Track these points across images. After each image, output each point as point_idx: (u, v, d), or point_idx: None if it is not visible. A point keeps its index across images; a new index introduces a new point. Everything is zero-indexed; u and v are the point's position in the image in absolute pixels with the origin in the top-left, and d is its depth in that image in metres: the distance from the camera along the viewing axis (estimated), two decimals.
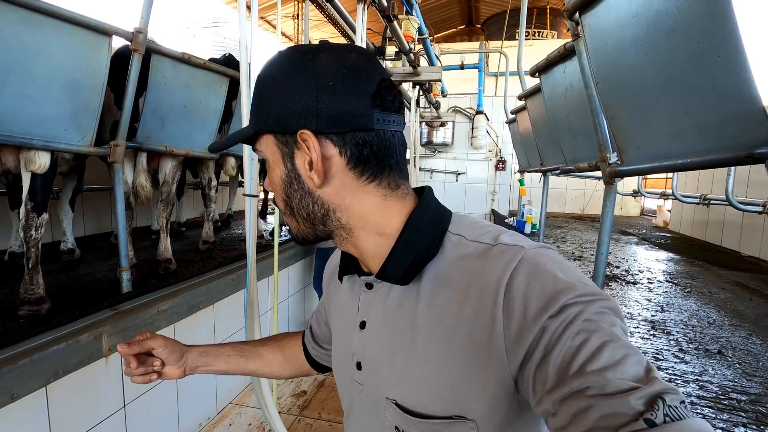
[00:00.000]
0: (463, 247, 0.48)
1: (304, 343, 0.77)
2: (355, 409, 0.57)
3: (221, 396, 2.40)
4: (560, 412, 0.36)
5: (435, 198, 0.53)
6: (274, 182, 0.52)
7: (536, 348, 0.39)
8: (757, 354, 2.59)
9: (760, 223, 5.61)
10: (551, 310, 0.38)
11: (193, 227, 4.10)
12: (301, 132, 0.46)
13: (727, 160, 0.95)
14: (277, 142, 0.49)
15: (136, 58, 1.81)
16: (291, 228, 0.54)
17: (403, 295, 0.50)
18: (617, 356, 0.35)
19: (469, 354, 0.43)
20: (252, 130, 0.51)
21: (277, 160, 0.50)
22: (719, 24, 0.86)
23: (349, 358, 0.56)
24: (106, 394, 1.62)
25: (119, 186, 1.91)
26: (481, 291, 0.43)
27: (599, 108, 1.39)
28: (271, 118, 0.48)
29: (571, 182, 10.61)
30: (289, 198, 0.51)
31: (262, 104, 0.50)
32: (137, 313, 1.77)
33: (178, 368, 0.69)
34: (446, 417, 0.44)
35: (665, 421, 0.31)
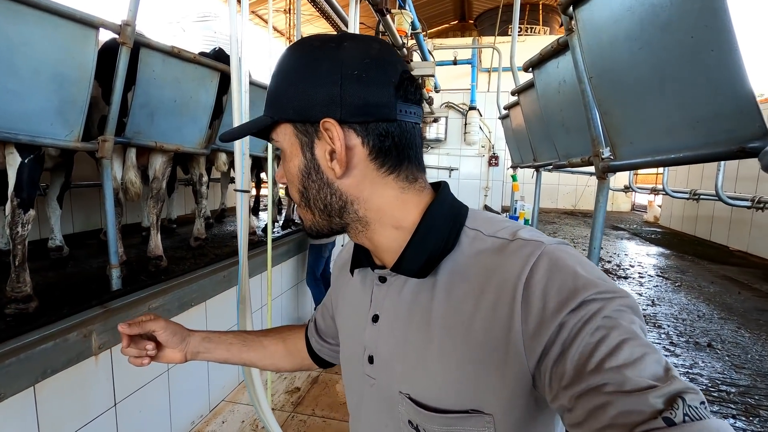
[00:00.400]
0: (480, 242, 0.47)
1: (307, 337, 0.76)
2: (365, 404, 0.56)
3: (214, 393, 2.38)
4: (576, 408, 0.36)
5: (451, 193, 0.53)
6: (291, 173, 0.50)
7: (554, 343, 0.38)
8: (745, 346, 2.64)
9: (748, 217, 5.69)
10: (570, 305, 0.38)
11: (185, 224, 4.05)
12: (325, 121, 0.45)
13: (720, 155, 0.95)
14: (297, 132, 0.48)
15: (124, 52, 1.77)
16: (305, 220, 0.53)
17: (418, 289, 0.49)
18: (636, 354, 0.35)
19: (486, 349, 0.43)
20: (270, 120, 0.49)
21: (296, 150, 0.49)
22: (713, 18, 0.86)
23: (360, 352, 0.55)
24: (96, 393, 1.60)
25: (108, 182, 1.88)
26: (499, 286, 0.43)
27: (592, 103, 1.38)
28: (292, 106, 0.47)
29: (564, 178, 10.69)
30: (306, 189, 0.50)
31: (282, 93, 0.48)
32: (127, 310, 1.74)
33: (179, 352, 0.68)
34: (462, 411, 0.44)
35: (684, 420, 0.31)
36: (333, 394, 2.59)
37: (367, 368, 0.54)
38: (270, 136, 0.51)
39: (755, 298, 3.70)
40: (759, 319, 3.19)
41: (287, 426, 2.28)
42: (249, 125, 0.52)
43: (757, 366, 2.43)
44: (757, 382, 2.22)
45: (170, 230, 3.80)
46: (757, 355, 2.55)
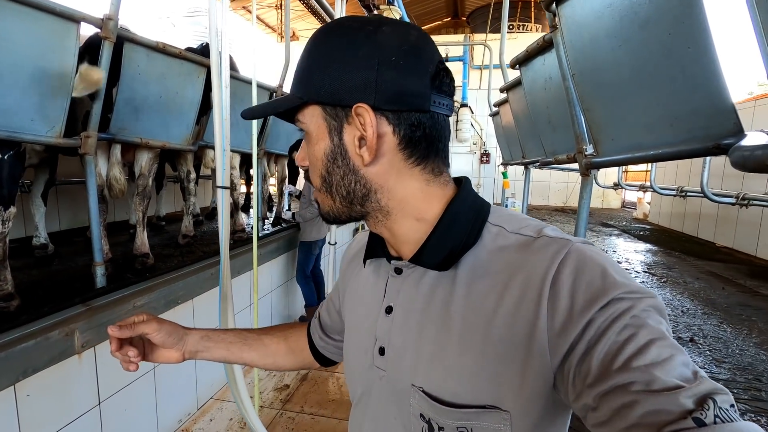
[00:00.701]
0: (503, 239, 0.47)
1: (309, 334, 0.74)
2: (372, 396, 0.54)
3: (202, 391, 2.37)
4: (601, 406, 0.35)
5: (473, 189, 0.52)
6: (315, 156, 0.49)
7: (580, 341, 0.38)
8: (727, 341, 2.68)
9: (734, 214, 5.77)
10: (599, 304, 0.37)
11: (174, 221, 4.02)
12: (358, 106, 0.44)
13: (697, 151, 0.96)
14: (325, 115, 0.47)
15: (106, 46, 1.75)
16: (323, 205, 0.52)
17: (437, 283, 0.48)
18: (664, 354, 0.34)
19: (508, 345, 0.42)
20: (299, 101, 0.47)
21: (322, 134, 0.47)
22: (689, 15, 0.87)
23: (369, 343, 0.54)
24: (80, 392, 1.58)
25: (92, 178, 1.85)
26: (525, 282, 0.42)
27: (576, 100, 1.39)
28: (324, 88, 0.45)
29: (554, 175, 10.77)
30: (330, 174, 0.48)
31: (314, 73, 0.46)
32: (112, 308, 1.72)
33: (177, 351, 0.66)
34: (478, 406, 0.43)
35: (715, 421, 0.30)
36: (322, 391, 2.59)
37: (377, 360, 0.52)
38: (296, 117, 0.49)
39: (739, 294, 3.76)
40: (741, 314, 3.25)
41: (276, 423, 2.28)
42: (275, 104, 0.50)
43: (737, 360, 2.47)
44: (736, 376, 2.27)
45: (159, 227, 3.77)
46: (737, 350, 2.60)
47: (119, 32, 1.83)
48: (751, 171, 0.63)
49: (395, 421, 0.50)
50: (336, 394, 2.55)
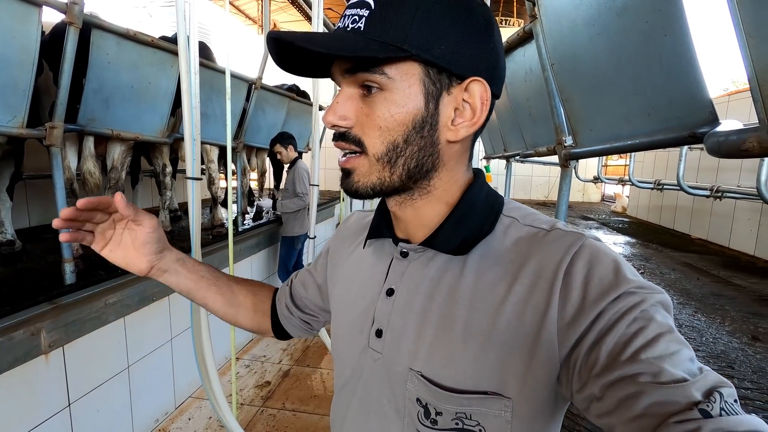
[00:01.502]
0: (516, 230, 0.47)
1: (274, 301, 0.71)
2: (363, 378, 0.52)
3: (180, 390, 2.32)
4: (607, 396, 0.35)
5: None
6: (394, 119, 0.42)
7: (590, 331, 0.38)
8: (701, 330, 2.76)
9: (708, 207, 5.94)
10: (611, 296, 0.38)
11: None
12: (475, 79, 0.42)
13: (673, 140, 0.96)
14: (426, 77, 0.42)
15: (71, 32, 1.67)
16: (368, 176, 0.45)
17: (446, 268, 0.47)
18: (672, 348, 0.35)
19: (515, 333, 0.42)
20: (402, 52, 0.40)
21: (415, 97, 0.42)
22: (665, 2, 0.86)
23: (365, 325, 0.52)
24: (47, 393, 1.52)
25: (58, 171, 1.77)
26: (537, 272, 0.42)
27: (555, 91, 1.39)
28: (439, 48, 0.41)
29: (537, 169, 10.91)
30: (407, 143, 0.43)
31: (426, 27, 0.40)
32: (81, 306, 1.66)
33: (147, 262, 0.60)
34: (480, 392, 0.43)
35: (721, 414, 0.30)
36: (304, 387, 2.56)
37: (373, 342, 0.51)
38: (378, 67, 0.41)
39: (712, 284, 3.87)
40: (715, 304, 3.34)
41: (257, 420, 2.24)
42: (361, 45, 0.40)
43: (711, 348, 2.54)
44: (709, 364, 2.33)
45: None
46: (711, 338, 2.67)
47: (87, 18, 1.74)
48: (726, 156, 0.63)
49: (388, 405, 0.49)
50: (319, 389, 2.52)
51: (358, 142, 0.44)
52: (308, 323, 0.70)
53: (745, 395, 2.05)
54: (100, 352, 1.77)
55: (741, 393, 2.05)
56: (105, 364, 1.80)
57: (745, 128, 0.58)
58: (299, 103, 4.26)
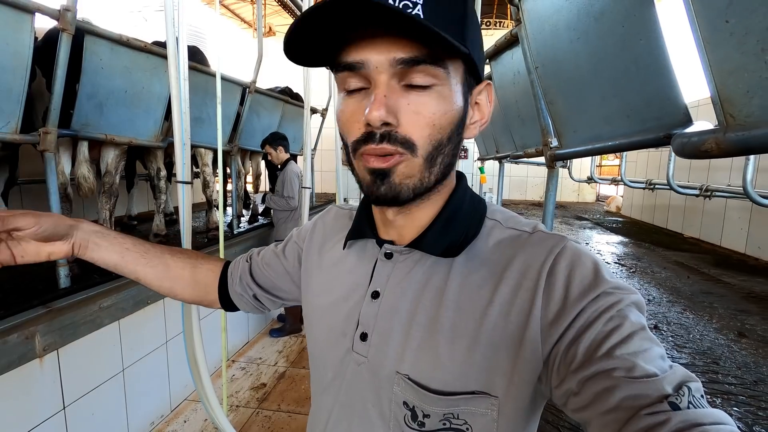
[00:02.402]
0: (499, 232, 0.48)
1: (226, 274, 0.68)
2: (346, 383, 0.51)
3: (175, 392, 2.33)
4: (583, 391, 0.37)
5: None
6: (445, 118, 0.42)
7: (569, 328, 0.39)
8: (689, 327, 2.79)
9: (699, 206, 6.00)
10: (591, 296, 0.39)
11: (147, 221, 3.91)
12: (488, 82, 0.47)
13: (650, 142, 0.99)
14: (466, 77, 0.44)
15: (64, 39, 1.68)
16: (409, 177, 0.43)
17: (432, 271, 0.48)
18: (645, 346, 0.37)
19: (501, 333, 0.43)
20: (464, 49, 0.39)
21: (459, 94, 0.43)
22: (639, 8, 0.89)
23: (349, 328, 0.51)
24: (42, 397, 1.53)
25: (52, 176, 1.79)
26: (521, 273, 0.43)
27: (540, 93, 1.42)
28: (477, 51, 0.43)
29: (532, 170, 10.95)
30: (449, 142, 0.43)
31: (472, 29, 0.42)
32: (76, 309, 1.67)
33: (65, 243, 0.59)
34: (467, 392, 0.43)
35: (689, 407, 0.32)
36: (300, 388, 2.58)
37: (358, 345, 0.50)
38: (442, 60, 0.40)
39: (702, 282, 3.92)
40: (704, 302, 3.39)
41: (252, 422, 2.25)
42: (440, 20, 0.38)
43: (698, 345, 2.58)
44: (695, 360, 2.37)
45: (130, 227, 3.66)
46: (698, 335, 2.71)
47: (79, 24, 1.76)
48: (689, 157, 0.66)
49: (372, 409, 0.49)
50: None
51: (407, 142, 0.41)
52: (262, 302, 0.68)
53: (728, 390, 2.09)
54: (95, 355, 1.78)
55: (725, 389, 2.09)
56: (100, 367, 1.81)
57: (705, 130, 0.61)
58: (294, 106, 4.28)
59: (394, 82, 0.40)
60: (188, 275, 0.67)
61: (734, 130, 0.54)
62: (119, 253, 0.62)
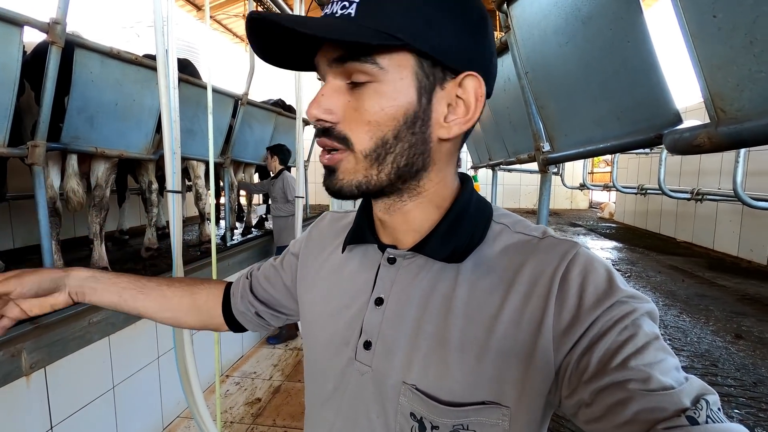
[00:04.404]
0: (508, 237, 0.46)
1: (228, 295, 0.67)
2: (348, 394, 0.49)
3: (168, 410, 2.27)
4: (596, 402, 0.35)
5: None
6: (385, 113, 0.40)
7: (583, 338, 0.38)
8: (685, 330, 2.79)
9: (691, 210, 6.06)
10: (605, 304, 0.38)
11: (139, 235, 3.87)
12: (470, 74, 0.41)
13: (642, 142, 0.99)
14: (420, 70, 0.40)
15: (53, 52, 1.67)
16: (353, 174, 0.42)
17: (438, 277, 0.45)
18: (659, 357, 0.35)
19: (512, 342, 0.41)
20: (396, 41, 0.38)
21: (407, 90, 0.40)
22: (626, 11, 0.90)
23: (351, 336, 0.49)
24: (29, 416, 1.48)
25: (40, 190, 1.76)
26: (533, 280, 0.42)
27: (531, 98, 1.43)
28: (434, 40, 0.39)
29: (525, 178, 11.04)
30: (397, 139, 0.41)
31: (421, 16, 0.38)
32: (65, 325, 1.63)
33: (60, 293, 0.60)
34: (477, 402, 0.42)
35: (707, 421, 0.31)
36: (296, 402, 2.53)
37: (361, 354, 0.47)
38: (370, 56, 0.39)
39: (697, 285, 3.93)
40: (699, 305, 3.39)
41: None
42: (352, 30, 0.37)
43: (695, 348, 2.58)
44: (694, 363, 2.36)
45: (122, 241, 3.62)
46: (695, 338, 2.71)
47: (69, 38, 1.76)
48: (682, 153, 0.66)
49: (376, 420, 0.46)
50: None
51: (343, 138, 0.41)
52: (265, 319, 0.67)
53: (728, 392, 2.08)
54: (84, 372, 1.73)
55: (724, 390, 2.08)
56: (89, 384, 1.76)
57: (696, 126, 0.61)
58: (287, 117, 4.29)
59: (339, 80, 0.41)
60: (188, 302, 0.67)
61: (726, 124, 0.54)
62: (116, 293, 0.63)
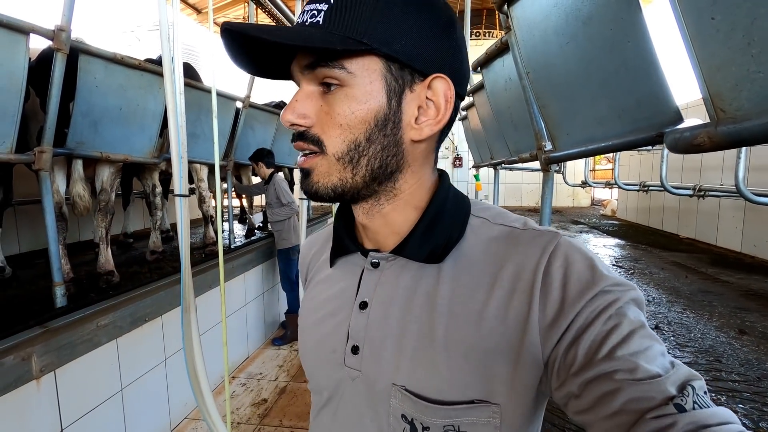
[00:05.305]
0: (488, 229, 0.46)
1: None
2: (343, 399, 0.49)
3: (175, 411, 2.29)
4: (585, 394, 0.36)
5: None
6: (356, 117, 0.41)
7: (568, 330, 0.38)
8: (689, 326, 2.80)
9: (694, 207, 6.05)
10: (588, 295, 0.38)
11: (143, 238, 3.90)
12: (438, 76, 0.42)
13: (643, 141, 1.00)
14: (387, 73, 0.41)
15: (59, 58, 1.70)
16: (328, 177, 0.43)
17: (420, 276, 0.46)
18: (645, 344, 0.36)
19: (498, 338, 0.41)
20: (361, 45, 0.39)
21: (377, 93, 0.41)
22: (627, 11, 0.91)
23: (338, 342, 0.49)
24: (40, 419, 1.50)
25: (47, 195, 1.78)
26: (516, 274, 0.42)
27: (532, 98, 1.44)
28: (400, 43, 0.40)
29: (527, 177, 11.03)
30: (369, 142, 0.42)
31: (387, 20, 0.39)
32: (73, 329, 1.65)
33: None
34: (467, 401, 0.41)
35: (694, 408, 0.31)
36: (301, 403, 2.54)
37: (350, 359, 0.48)
38: (337, 61, 0.40)
39: (700, 281, 3.93)
40: (703, 300, 3.39)
41: None
42: (317, 37, 0.38)
43: (699, 344, 2.58)
44: (698, 359, 2.37)
45: (126, 245, 3.64)
46: (699, 334, 2.71)
47: (74, 44, 1.78)
48: (683, 152, 0.67)
49: (370, 424, 0.47)
50: None
51: (317, 141, 0.42)
52: None
53: (732, 388, 2.08)
54: (93, 375, 1.75)
55: (729, 386, 2.09)
56: (98, 387, 1.78)
57: (696, 125, 0.62)
58: None
59: (312, 86, 0.43)
60: None
61: (725, 124, 0.55)
62: None
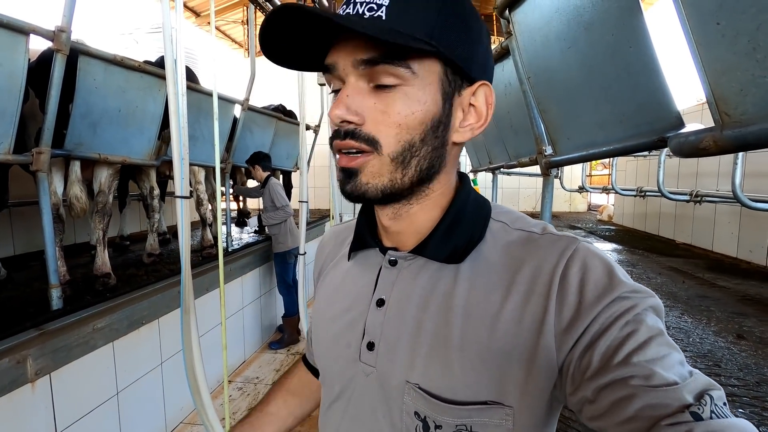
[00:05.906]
0: (507, 234, 0.46)
1: (309, 365, 0.69)
2: (354, 394, 0.50)
3: (171, 415, 2.27)
4: (599, 399, 0.35)
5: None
6: (414, 117, 0.41)
7: (584, 335, 0.38)
8: (688, 331, 2.80)
9: (690, 212, 6.08)
10: (605, 301, 0.38)
11: (139, 241, 3.87)
12: (484, 83, 0.44)
13: (644, 145, 1.01)
14: (444, 76, 0.42)
15: (59, 59, 1.69)
16: (378, 177, 0.43)
17: (438, 276, 0.46)
18: (663, 352, 0.35)
19: (513, 340, 0.41)
20: (430, 47, 0.39)
21: (433, 96, 0.42)
22: (628, 17, 0.92)
23: (354, 338, 0.50)
24: (34, 422, 1.48)
25: (45, 197, 1.76)
26: (533, 278, 0.42)
27: (533, 103, 1.44)
28: (460, 48, 0.41)
29: (524, 181, 11.06)
30: (423, 143, 0.42)
31: (451, 27, 0.40)
32: (69, 332, 1.63)
33: None
34: (479, 402, 0.42)
35: (711, 417, 0.31)
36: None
37: (365, 355, 0.48)
38: (404, 60, 0.40)
39: (697, 286, 3.95)
40: (701, 305, 3.41)
41: None
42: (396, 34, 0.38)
43: (698, 348, 2.59)
44: (697, 364, 2.37)
45: (123, 247, 3.62)
46: (698, 339, 2.72)
47: (74, 45, 1.77)
48: (687, 156, 0.67)
49: (383, 420, 0.47)
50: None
51: (371, 140, 0.41)
52: None
53: (732, 392, 2.09)
54: (89, 378, 1.73)
55: (728, 390, 2.09)
56: (94, 390, 1.76)
57: (702, 129, 0.62)
58: (286, 123, 4.31)
59: (362, 82, 0.41)
60: (294, 401, 0.69)
61: (730, 128, 0.55)
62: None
